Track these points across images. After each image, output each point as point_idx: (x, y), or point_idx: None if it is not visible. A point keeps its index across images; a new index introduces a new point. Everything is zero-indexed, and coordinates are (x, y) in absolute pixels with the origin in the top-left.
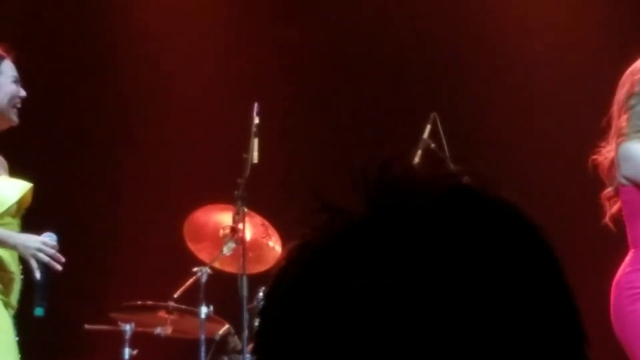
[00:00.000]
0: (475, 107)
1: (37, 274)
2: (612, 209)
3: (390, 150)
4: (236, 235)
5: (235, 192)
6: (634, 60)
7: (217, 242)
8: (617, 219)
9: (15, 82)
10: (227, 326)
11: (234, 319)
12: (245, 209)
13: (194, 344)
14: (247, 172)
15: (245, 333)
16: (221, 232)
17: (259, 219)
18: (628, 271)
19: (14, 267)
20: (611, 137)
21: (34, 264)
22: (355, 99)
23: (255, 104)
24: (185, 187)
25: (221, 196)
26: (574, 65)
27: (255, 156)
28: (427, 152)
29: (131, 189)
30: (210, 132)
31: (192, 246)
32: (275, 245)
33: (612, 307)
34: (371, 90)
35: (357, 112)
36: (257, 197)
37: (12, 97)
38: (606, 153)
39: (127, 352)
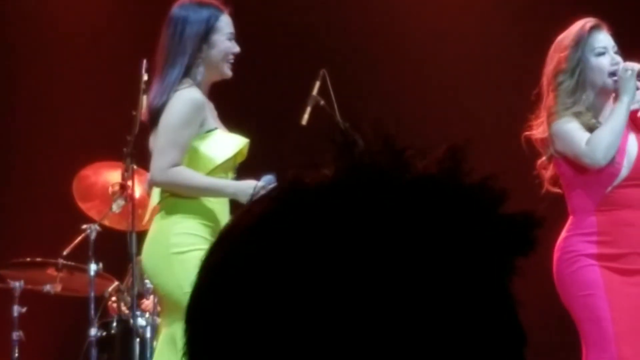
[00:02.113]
0: (364, 64)
1: None
2: (547, 174)
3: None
4: (125, 193)
5: (124, 149)
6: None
7: (106, 199)
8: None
9: (230, 39)
10: (116, 283)
11: (124, 276)
12: (135, 166)
13: (84, 301)
14: (136, 129)
15: (135, 290)
16: (110, 189)
17: (148, 176)
18: (566, 236)
19: (226, 220)
20: (542, 114)
21: None
22: (243, 56)
23: (144, 61)
24: (73, 144)
25: (110, 153)
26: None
27: (144, 113)
28: (316, 109)
29: (19, 145)
30: (98, 89)
31: (81, 204)
32: None
33: (554, 272)
34: (260, 47)
35: (246, 69)
36: (146, 155)
37: (226, 54)
38: (537, 127)
39: (16, 309)
